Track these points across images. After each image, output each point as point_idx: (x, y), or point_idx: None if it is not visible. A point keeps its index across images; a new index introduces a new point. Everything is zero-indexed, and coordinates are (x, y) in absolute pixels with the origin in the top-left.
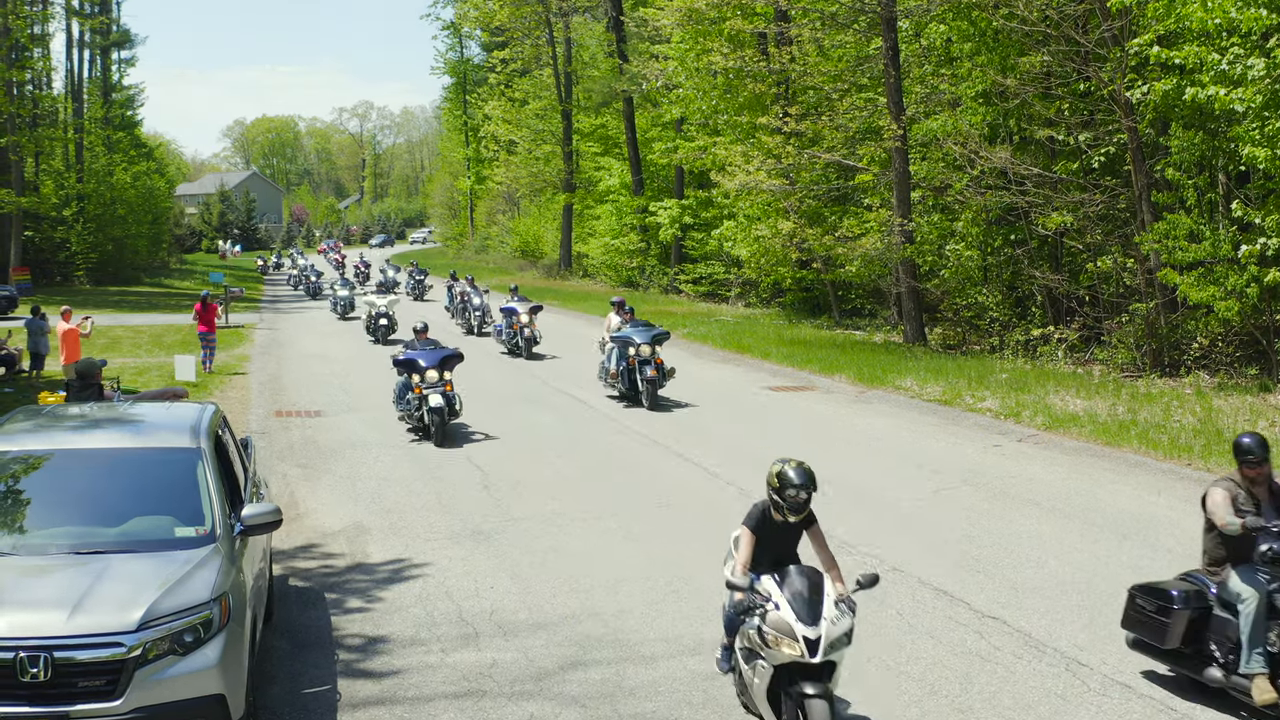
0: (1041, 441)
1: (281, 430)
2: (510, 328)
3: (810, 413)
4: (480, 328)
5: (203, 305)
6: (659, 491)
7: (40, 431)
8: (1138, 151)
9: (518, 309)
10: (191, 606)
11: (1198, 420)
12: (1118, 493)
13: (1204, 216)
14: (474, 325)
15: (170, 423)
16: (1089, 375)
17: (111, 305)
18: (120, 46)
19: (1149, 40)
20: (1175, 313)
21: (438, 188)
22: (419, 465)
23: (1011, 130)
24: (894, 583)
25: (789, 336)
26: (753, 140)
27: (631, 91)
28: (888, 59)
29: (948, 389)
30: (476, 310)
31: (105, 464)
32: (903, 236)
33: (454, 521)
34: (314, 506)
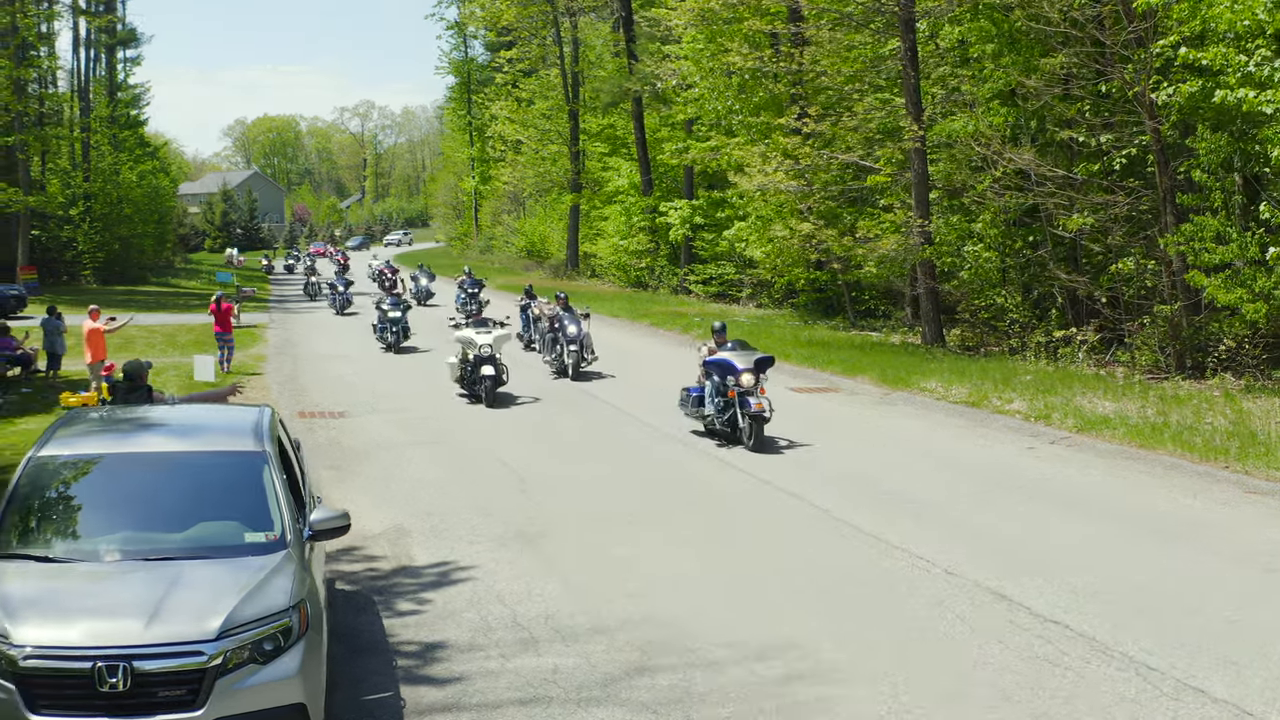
0: (1075, 444)
1: (307, 431)
2: (566, 343)
3: (837, 415)
4: (578, 367)
5: (217, 305)
6: (697, 496)
7: (99, 435)
8: (1161, 153)
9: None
10: (271, 614)
11: (1230, 423)
12: (1156, 495)
13: (1230, 218)
14: (568, 364)
15: (231, 425)
16: (1112, 377)
17: (119, 305)
18: (126, 45)
19: (1174, 41)
20: (1199, 314)
21: (441, 188)
22: (450, 467)
23: (1033, 131)
24: (952, 587)
25: (806, 337)
26: (768, 141)
27: (642, 91)
28: (906, 60)
29: (974, 391)
30: (572, 344)
31: (170, 468)
32: (922, 238)
33: (496, 524)
34: (351, 509)
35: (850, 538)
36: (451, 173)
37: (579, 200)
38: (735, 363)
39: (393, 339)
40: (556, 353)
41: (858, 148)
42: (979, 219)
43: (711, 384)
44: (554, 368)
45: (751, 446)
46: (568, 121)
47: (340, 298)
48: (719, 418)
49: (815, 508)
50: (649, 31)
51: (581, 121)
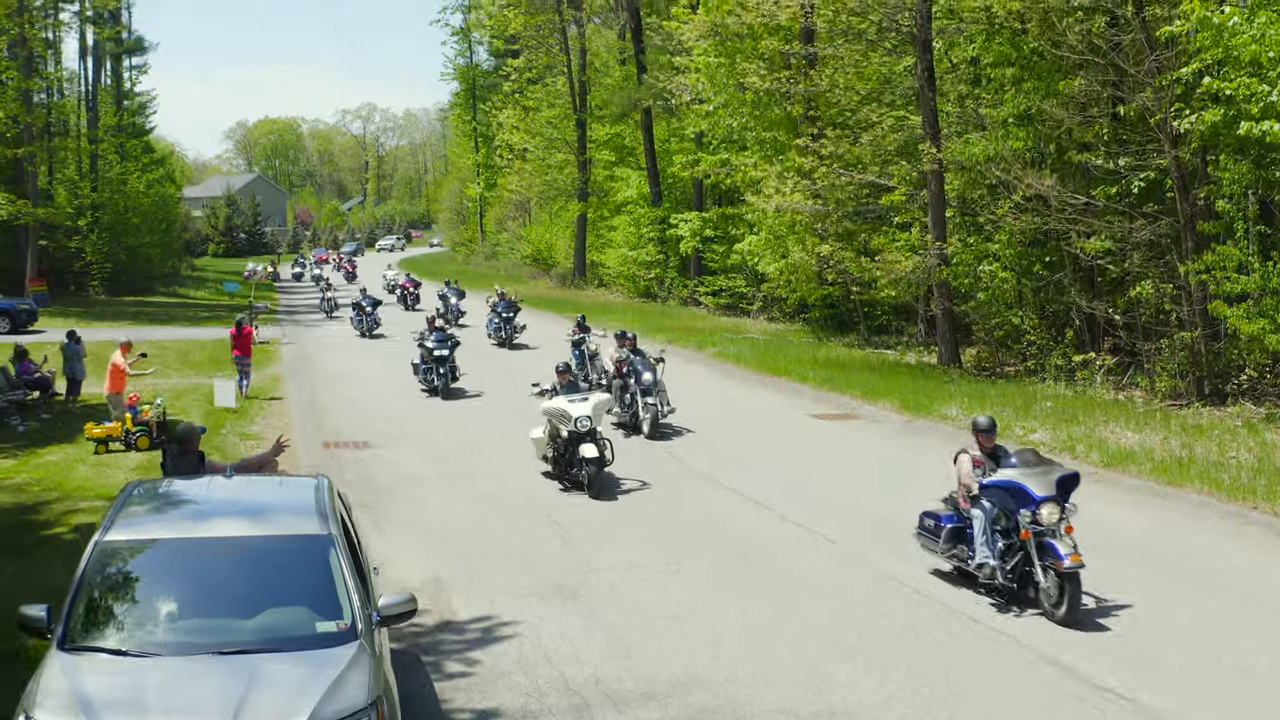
0: (1103, 479)
1: (334, 464)
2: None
3: (863, 446)
4: (656, 423)
5: (238, 330)
6: (732, 540)
7: (162, 517)
8: (1182, 180)
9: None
10: (351, 713)
11: (1255, 458)
12: (1192, 538)
13: (1253, 247)
14: (644, 419)
15: (293, 504)
16: (1131, 403)
17: (129, 318)
18: (132, 54)
19: (1196, 69)
20: (1219, 341)
21: (446, 193)
22: (482, 507)
23: (1051, 155)
24: (1007, 650)
25: (822, 357)
26: (783, 158)
27: (652, 104)
28: (923, 80)
29: (996, 419)
30: (649, 396)
31: (237, 553)
32: (939, 259)
33: (535, 575)
34: (388, 556)
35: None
36: (456, 178)
37: (586, 209)
38: (1031, 488)
39: (439, 382)
40: (626, 402)
41: (873, 166)
42: (996, 238)
43: (984, 514)
44: (622, 421)
45: (1062, 616)
46: (574, 130)
47: (368, 319)
48: (1001, 567)
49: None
50: (659, 44)
51: (589, 130)
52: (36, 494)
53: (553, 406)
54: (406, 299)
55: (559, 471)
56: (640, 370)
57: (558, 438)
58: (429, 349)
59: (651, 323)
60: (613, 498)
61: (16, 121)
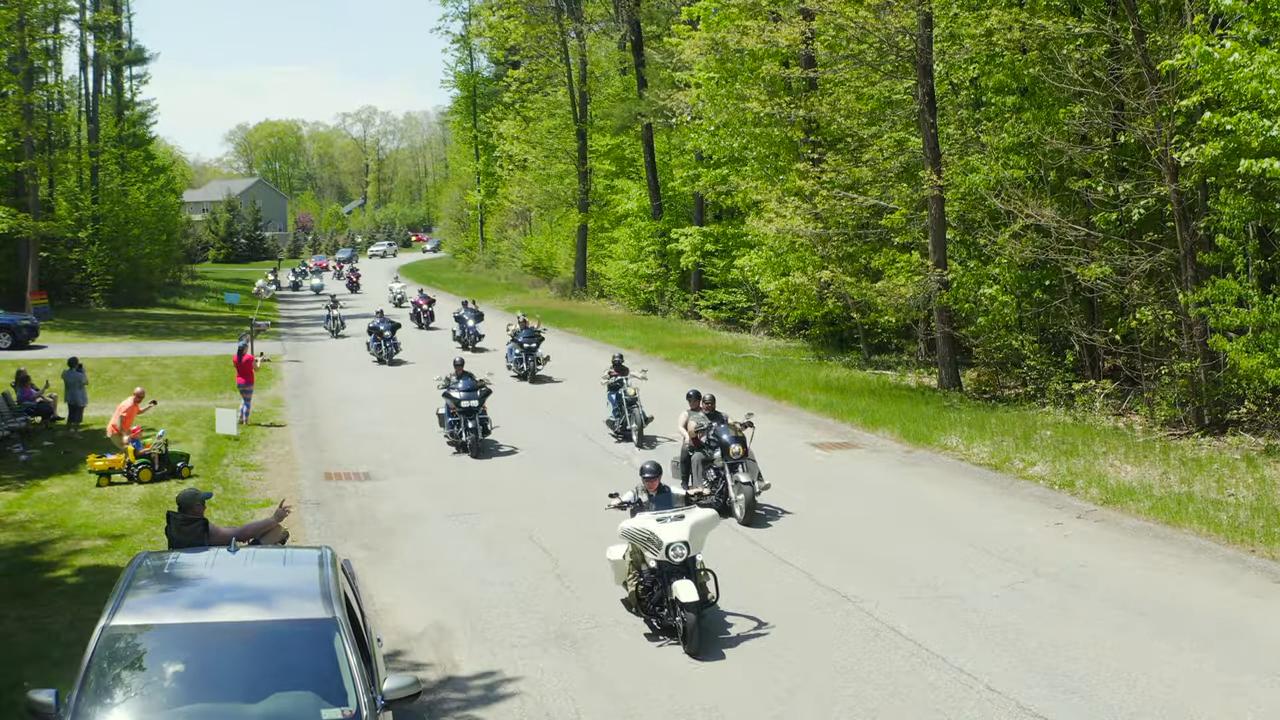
0: (1101, 519)
1: (336, 498)
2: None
3: (864, 479)
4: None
5: (239, 356)
6: (732, 583)
7: (168, 598)
8: (1182, 211)
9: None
10: None
11: (1254, 495)
12: (1190, 587)
13: (1252, 281)
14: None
15: (297, 584)
16: (1131, 431)
17: (130, 331)
18: (133, 64)
19: (1197, 102)
20: (1220, 370)
21: (447, 200)
22: (481, 545)
23: (1051, 181)
24: (995, 708)
25: (823, 379)
26: (782, 178)
27: (653, 119)
28: (923, 104)
29: (995, 450)
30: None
31: (241, 639)
32: (939, 284)
33: (535, 623)
34: (389, 602)
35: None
36: (457, 185)
37: (586, 220)
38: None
39: (469, 437)
40: (712, 479)
41: (874, 189)
42: (996, 261)
43: None
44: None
45: None
46: (575, 140)
47: (388, 344)
48: None
49: (860, 609)
50: (660, 61)
51: (589, 140)
52: (39, 532)
53: (636, 528)
54: (420, 317)
55: (645, 610)
56: (725, 439)
57: (642, 566)
58: (456, 399)
59: (653, 338)
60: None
61: (17, 135)
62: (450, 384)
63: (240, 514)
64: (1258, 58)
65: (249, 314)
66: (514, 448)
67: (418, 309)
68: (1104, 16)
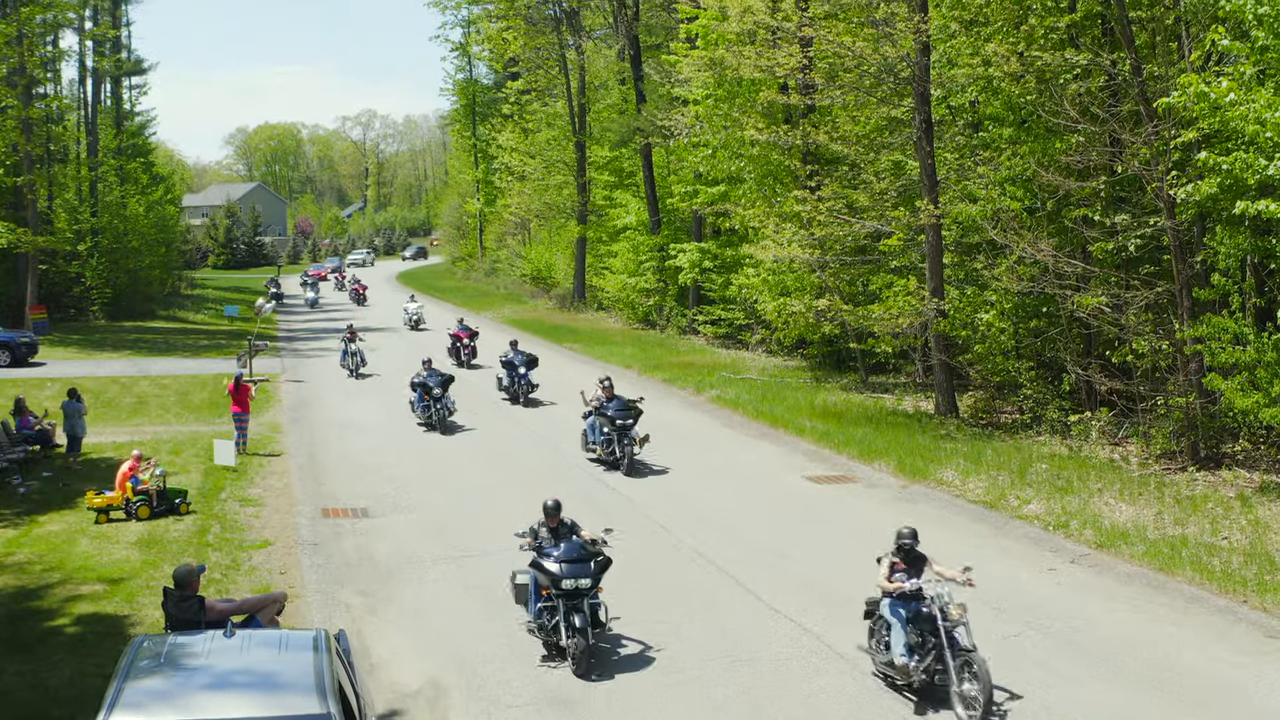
0: (1095, 564)
1: (334, 537)
2: None
3: (858, 515)
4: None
5: (236, 386)
6: (728, 638)
7: (164, 693)
8: (1179, 247)
9: None
10: None
11: (1247, 540)
12: (1182, 642)
13: (1248, 319)
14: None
15: (292, 676)
16: (1126, 464)
17: (129, 347)
18: (132, 74)
19: (1194, 138)
20: (1215, 405)
21: (446, 207)
22: (479, 592)
23: (1049, 211)
24: None
25: (820, 404)
26: (779, 201)
27: (651, 133)
28: (921, 131)
29: (990, 486)
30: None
31: None
32: (936, 313)
33: (530, 685)
34: (385, 655)
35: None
36: (456, 193)
37: (585, 231)
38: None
39: (577, 652)
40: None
41: (871, 213)
42: (993, 286)
43: None
44: None
45: None
46: (574, 152)
47: (439, 407)
48: None
49: (854, 668)
50: (658, 79)
51: (588, 152)
52: (38, 575)
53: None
54: (460, 353)
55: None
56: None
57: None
58: (554, 569)
59: (651, 355)
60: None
61: (16, 149)
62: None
63: (238, 555)
64: (1254, 100)
65: (249, 327)
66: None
67: (457, 343)
68: (1101, 48)
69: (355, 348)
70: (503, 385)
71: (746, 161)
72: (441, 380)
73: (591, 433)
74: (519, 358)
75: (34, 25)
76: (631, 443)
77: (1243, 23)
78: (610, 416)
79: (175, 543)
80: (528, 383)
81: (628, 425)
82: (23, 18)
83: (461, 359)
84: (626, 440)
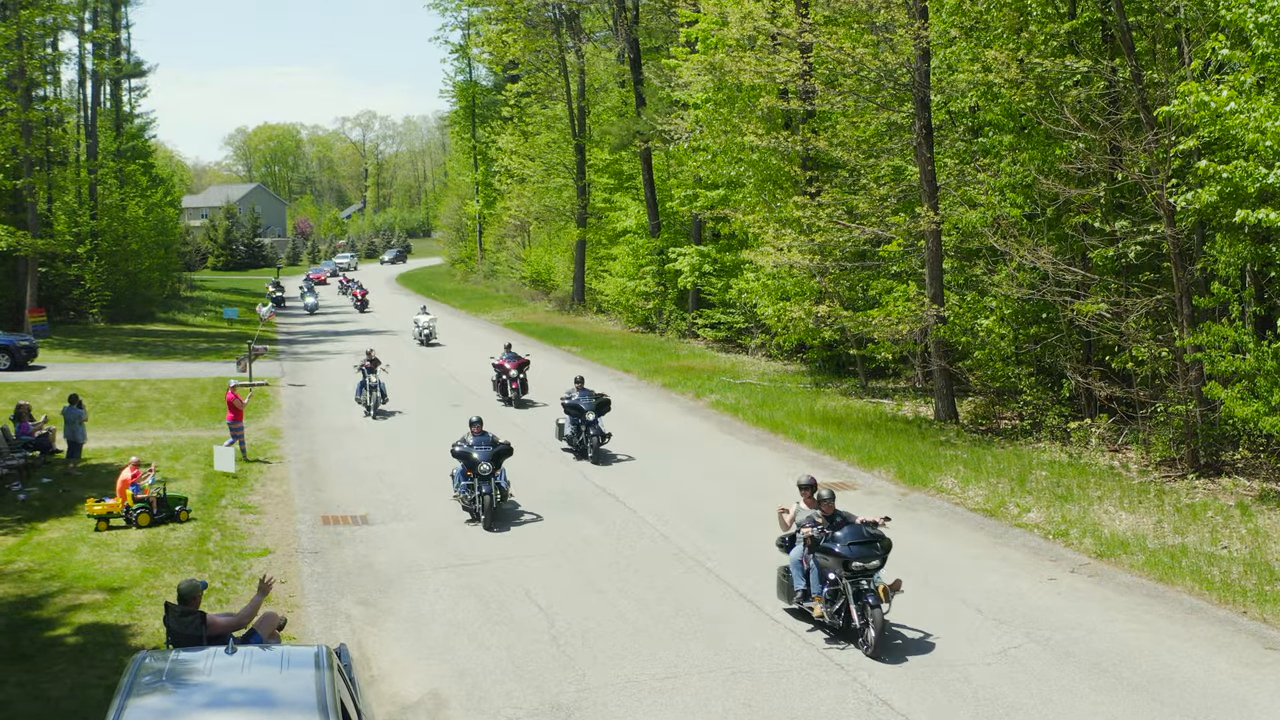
0: (1095, 573)
1: (333, 546)
2: None
3: None
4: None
5: (235, 395)
6: (728, 649)
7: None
8: (1179, 255)
9: None
10: None
11: (1247, 549)
12: (1181, 654)
13: (1248, 327)
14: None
15: (294, 695)
16: (1126, 471)
17: (129, 350)
18: (132, 77)
19: (1194, 145)
20: (1215, 412)
21: (446, 209)
22: (479, 601)
23: (1049, 218)
24: None
25: (820, 410)
26: (779, 206)
27: (650, 135)
28: (921, 137)
29: (990, 494)
30: (591, 434)
31: None
32: (936, 319)
33: (532, 696)
34: (386, 665)
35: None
36: (456, 194)
37: (585, 234)
38: None
39: None
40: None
41: (871, 218)
42: (992, 293)
43: None
44: None
45: None
46: (574, 155)
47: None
48: None
49: (854, 680)
50: (658, 84)
51: (588, 154)
52: (39, 583)
53: None
54: (506, 387)
55: None
56: (584, 407)
57: None
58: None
59: (650, 360)
60: (600, 591)
61: (16, 152)
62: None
63: (238, 564)
64: (1254, 108)
65: (249, 330)
66: None
67: (502, 375)
68: (1101, 55)
69: (376, 380)
70: (564, 434)
71: (746, 166)
72: (493, 452)
73: None
74: (586, 400)
75: (34, 28)
76: None
77: (1243, 30)
78: None
79: (175, 551)
80: (599, 433)
81: None
82: (22, 20)
83: (508, 395)
84: None
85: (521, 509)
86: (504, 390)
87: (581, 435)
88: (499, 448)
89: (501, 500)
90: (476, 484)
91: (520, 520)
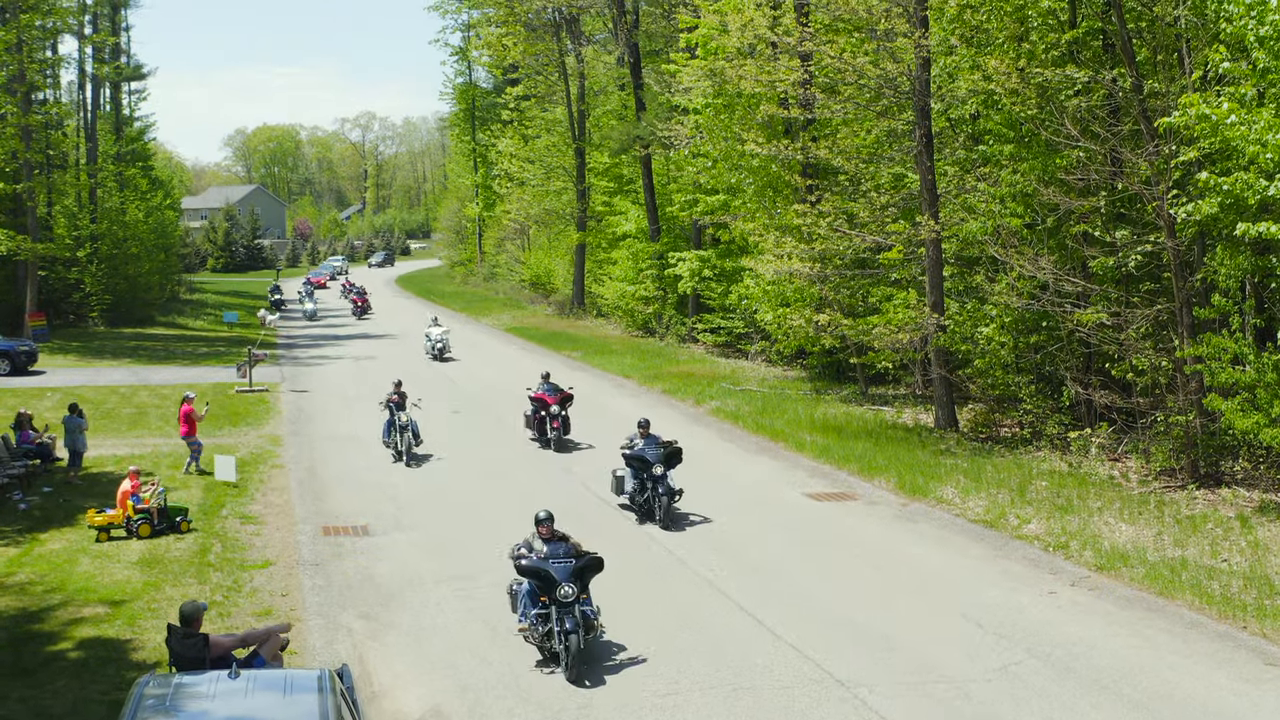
0: (1095, 587)
1: (334, 557)
2: None
3: (857, 536)
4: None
5: (187, 404)
6: (731, 667)
7: None
8: (1179, 266)
9: None
10: None
11: (1247, 563)
12: (1181, 670)
13: (1248, 339)
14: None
15: (296, 719)
16: (1126, 481)
17: (129, 355)
18: (132, 80)
19: (1195, 157)
20: (1215, 423)
21: (445, 211)
22: (481, 615)
23: (1049, 227)
24: None
25: (820, 418)
26: (779, 213)
27: (651, 140)
28: (921, 145)
29: (990, 505)
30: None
31: None
32: (936, 328)
33: (535, 713)
34: (388, 680)
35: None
36: (455, 197)
37: (585, 238)
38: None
39: None
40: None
41: (871, 225)
42: (992, 301)
43: None
44: None
45: None
46: (574, 158)
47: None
48: None
49: (854, 696)
50: (658, 89)
51: (587, 158)
52: (40, 596)
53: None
54: (545, 424)
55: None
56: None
57: None
58: None
59: (650, 366)
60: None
61: (15, 157)
62: None
63: (239, 576)
64: (1255, 120)
65: (248, 334)
66: None
67: (540, 410)
68: (1101, 64)
69: (407, 419)
70: (624, 488)
71: (746, 173)
72: (575, 567)
73: None
74: (653, 450)
75: (33, 32)
76: None
77: (1243, 42)
78: None
79: (176, 562)
80: (669, 490)
81: None
82: (22, 24)
83: (546, 435)
84: None
85: None
86: (541, 429)
87: (647, 492)
88: (584, 560)
89: (589, 637)
90: (554, 614)
91: None
